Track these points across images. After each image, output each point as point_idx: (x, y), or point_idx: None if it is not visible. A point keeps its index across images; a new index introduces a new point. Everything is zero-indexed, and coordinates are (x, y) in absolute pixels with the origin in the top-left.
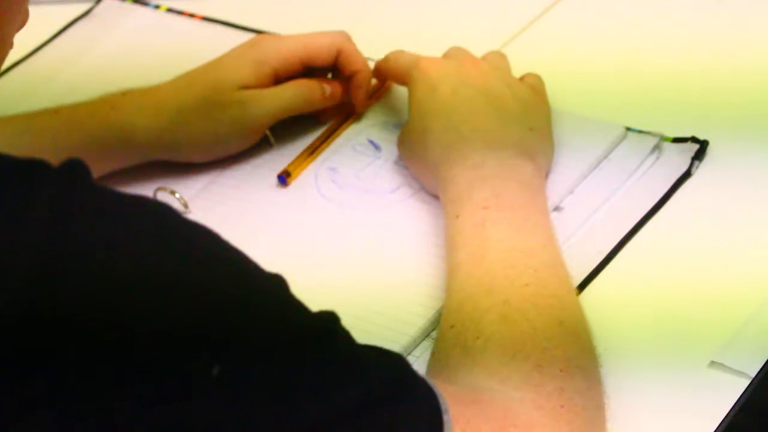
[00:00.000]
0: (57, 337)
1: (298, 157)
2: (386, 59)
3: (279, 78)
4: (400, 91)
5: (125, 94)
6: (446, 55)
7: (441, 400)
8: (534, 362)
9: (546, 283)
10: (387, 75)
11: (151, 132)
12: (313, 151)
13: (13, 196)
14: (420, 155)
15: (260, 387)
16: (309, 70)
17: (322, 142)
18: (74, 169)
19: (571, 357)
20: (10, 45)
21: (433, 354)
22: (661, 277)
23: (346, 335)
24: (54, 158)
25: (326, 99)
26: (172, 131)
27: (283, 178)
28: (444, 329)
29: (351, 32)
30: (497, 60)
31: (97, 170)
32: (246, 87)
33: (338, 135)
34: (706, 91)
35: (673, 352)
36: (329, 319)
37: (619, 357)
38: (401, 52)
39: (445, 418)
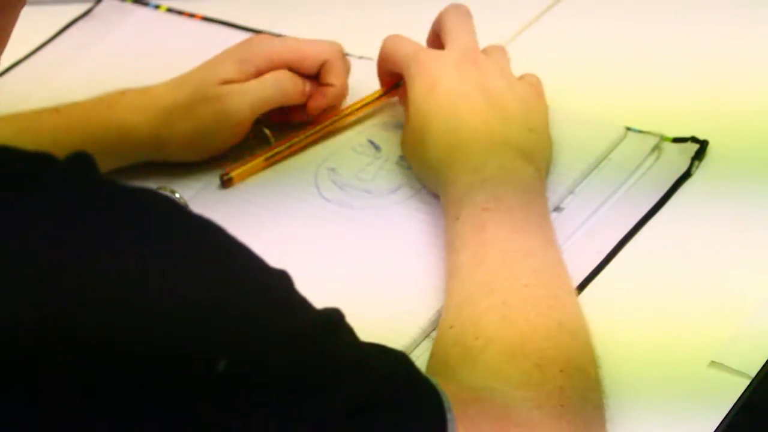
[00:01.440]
0: (61, 333)
1: (250, 161)
2: (384, 45)
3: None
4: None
5: (123, 94)
6: (445, 30)
7: (444, 398)
8: (534, 362)
9: (545, 283)
10: (385, 61)
11: (145, 130)
12: (268, 158)
13: (18, 190)
14: (420, 155)
15: (264, 383)
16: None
17: (279, 152)
18: (80, 162)
19: (570, 357)
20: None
21: (432, 354)
22: (661, 277)
23: (350, 332)
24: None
25: (305, 94)
26: (162, 130)
27: (223, 181)
28: (443, 330)
29: (350, 32)
30: (496, 54)
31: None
32: (227, 82)
33: (299, 150)
34: (706, 91)
35: (673, 352)
36: (334, 316)
37: (619, 357)
38: (400, 38)
39: (449, 416)
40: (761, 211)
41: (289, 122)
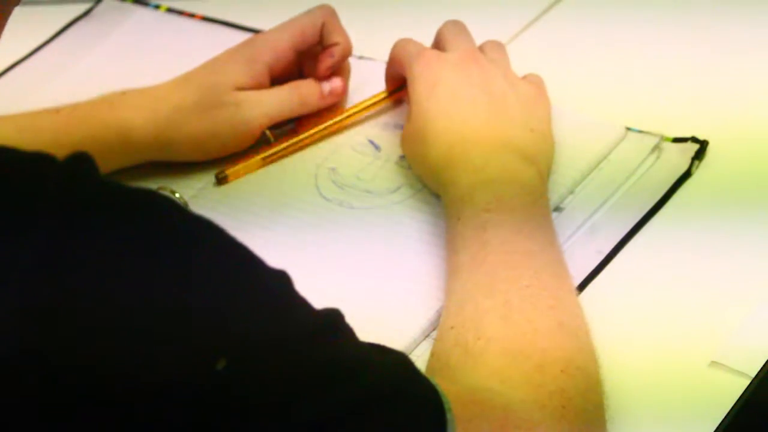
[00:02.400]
0: (59, 332)
1: (247, 159)
2: (393, 47)
3: (274, 73)
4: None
5: (124, 94)
6: (443, 40)
7: (444, 399)
8: (534, 363)
9: (546, 284)
10: (392, 64)
11: (148, 130)
12: (266, 157)
13: (19, 191)
14: (421, 155)
15: (263, 383)
16: (307, 70)
17: (277, 152)
18: (80, 163)
19: (571, 357)
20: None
21: (432, 355)
22: (661, 277)
23: (349, 333)
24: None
25: (325, 98)
26: (167, 130)
27: (218, 179)
28: (444, 330)
29: (349, 32)
30: (496, 51)
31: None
32: (241, 87)
33: (296, 150)
34: (706, 91)
35: (673, 352)
36: (333, 316)
37: (619, 357)
38: (408, 41)
39: (448, 416)
40: (761, 211)
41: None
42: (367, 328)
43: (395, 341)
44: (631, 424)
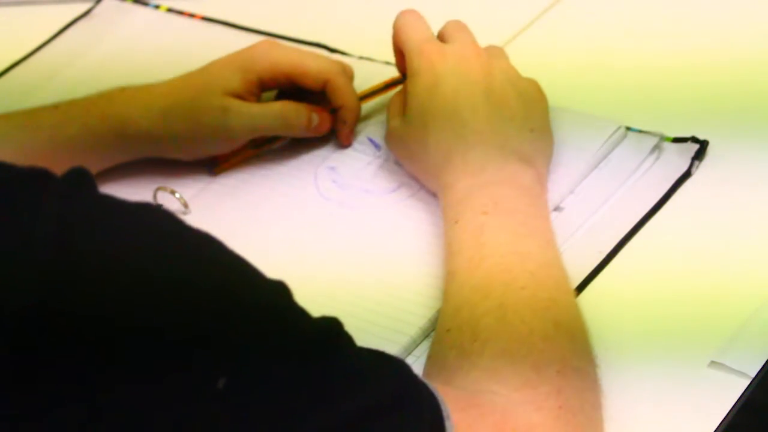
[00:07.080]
0: (61, 347)
1: (238, 153)
2: (396, 23)
3: (265, 87)
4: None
5: (122, 90)
6: (445, 34)
7: (443, 406)
8: (531, 364)
9: (542, 285)
10: (396, 40)
11: (141, 126)
12: (257, 146)
13: (17, 208)
14: (419, 155)
15: (265, 396)
16: (304, 91)
17: (266, 143)
18: (78, 178)
19: (567, 358)
20: None
21: (429, 357)
22: (661, 277)
23: (349, 342)
24: (53, 151)
25: (311, 129)
26: (158, 126)
27: (211, 168)
28: (441, 333)
29: (349, 31)
30: (496, 49)
31: (95, 165)
32: (231, 93)
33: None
34: (706, 91)
35: (673, 352)
36: (332, 325)
37: (619, 357)
38: (412, 19)
39: (447, 423)
40: (761, 211)
41: None
42: (367, 329)
43: (395, 341)
44: (631, 424)
